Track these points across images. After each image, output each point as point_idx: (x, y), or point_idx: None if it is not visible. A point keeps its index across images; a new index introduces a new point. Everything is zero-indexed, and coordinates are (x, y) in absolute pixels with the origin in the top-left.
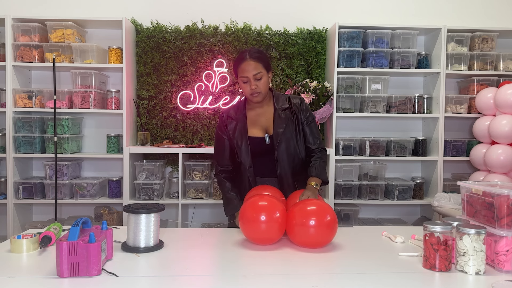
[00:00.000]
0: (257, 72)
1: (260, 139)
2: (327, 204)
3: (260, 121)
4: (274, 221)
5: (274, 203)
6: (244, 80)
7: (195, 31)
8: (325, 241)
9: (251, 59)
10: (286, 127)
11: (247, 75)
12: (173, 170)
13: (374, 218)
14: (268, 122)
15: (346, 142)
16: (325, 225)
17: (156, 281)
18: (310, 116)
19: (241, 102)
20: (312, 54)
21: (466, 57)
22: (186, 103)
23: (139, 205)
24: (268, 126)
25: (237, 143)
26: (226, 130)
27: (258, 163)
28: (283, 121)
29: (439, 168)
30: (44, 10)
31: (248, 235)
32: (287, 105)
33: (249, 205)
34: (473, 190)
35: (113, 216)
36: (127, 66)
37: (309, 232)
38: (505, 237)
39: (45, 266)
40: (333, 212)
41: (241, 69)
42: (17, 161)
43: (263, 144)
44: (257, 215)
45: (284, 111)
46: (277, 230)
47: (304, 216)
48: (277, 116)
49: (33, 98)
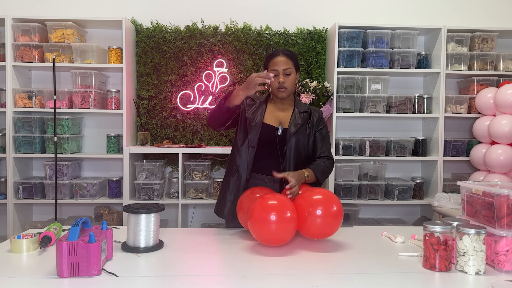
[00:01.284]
0: (287, 67)
1: (273, 128)
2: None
3: (278, 114)
4: (286, 221)
5: (284, 202)
6: (274, 73)
7: (195, 31)
8: (333, 230)
9: (283, 55)
10: (301, 127)
11: (277, 68)
12: (173, 170)
13: (374, 218)
14: (285, 118)
15: (346, 142)
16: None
17: (156, 281)
18: (325, 129)
19: (264, 96)
20: (312, 54)
21: (466, 57)
22: (186, 103)
23: (139, 205)
24: (284, 121)
25: (249, 123)
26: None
27: (261, 153)
28: (299, 121)
29: (439, 168)
30: (44, 10)
31: (258, 237)
32: (307, 111)
33: (259, 205)
34: (473, 190)
35: (113, 216)
36: (127, 66)
37: (317, 222)
38: (505, 237)
39: (45, 266)
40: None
41: (272, 62)
42: (17, 161)
43: (274, 133)
44: (267, 215)
45: (302, 114)
46: (290, 231)
47: (311, 206)
48: (294, 115)
49: (33, 98)
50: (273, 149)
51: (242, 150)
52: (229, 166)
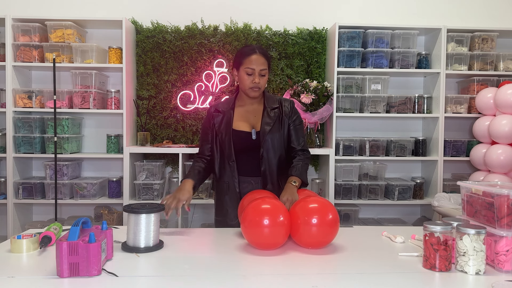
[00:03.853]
0: (264, 68)
1: (246, 134)
2: (328, 201)
3: (248, 117)
4: (278, 225)
5: (277, 206)
6: (249, 72)
7: (195, 31)
8: (328, 240)
9: (261, 54)
10: (273, 125)
11: (254, 67)
12: (173, 170)
13: (374, 218)
14: (256, 119)
15: (346, 142)
16: (327, 223)
17: (156, 281)
18: (298, 119)
19: (231, 98)
20: (312, 54)
21: (466, 57)
22: (186, 103)
23: (139, 205)
24: (255, 123)
25: (221, 136)
26: (212, 123)
27: (242, 160)
28: (271, 119)
29: (439, 168)
30: (44, 10)
31: (251, 241)
32: (277, 105)
33: (252, 209)
34: (473, 190)
35: (113, 216)
36: (127, 66)
37: (312, 231)
38: (505, 237)
39: (45, 266)
40: (334, 209)
41: (249, 60)
42: (17, 161)
43: (248, 139)
44: (260, 219)
45: (273, 110)
46: (282, 235)
47: (307, 215)
48: (265, 114)
49: (33, 98)
50: (250, 153)
51: (226, 166)
52: (219, 184)
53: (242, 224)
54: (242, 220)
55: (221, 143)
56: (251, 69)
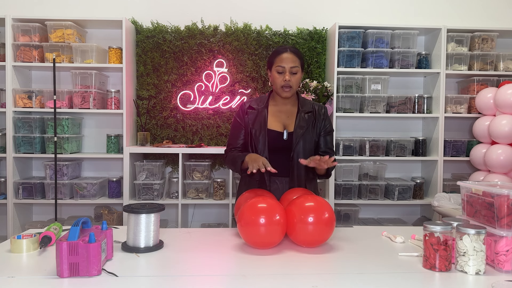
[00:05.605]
0: (295, 65)
1: (278, 134)
2: (324, 200)
3: (281, 117)
4: (274, 224)
5: (273, 204)
6: (279, 70)
7: (195, 31)
8: (323, 239)
9: (291, 52)
10: (307, 129)
11: (284, 65)
12: (173, 170)
13: (374, 218)
14: (289, 120)
15: (346, 142)
16: (324, 221)
17: (156, 281)
18: (330, 127)
19: (264, 96)
20: (312, 54)
21: (466, 57)
22: (186, 103)
23: (139, 205)
24: (288, 124)
25: (255, 133)
26: (245, 118)
27: (272, 159)
28: (305, 122)
29: (439, 168)
30: (44, 10)
31: (247, 240)
32: (311, 110)
33: (248, 208)
34: (473, 190)
35: (113, 216)
36: (127, 66)
37: (308, 230)
38: (505, 237)
39: (45, 266)
40: (331, 208)
41: (279, 58)
42: (17, 161)
43: (280, 139)
44: (256, 218)
45: (307, 114)
46: (278, 233)
47: (303, 213)
48: (300, 117)
49: (33, 98)
50: (280, 154)
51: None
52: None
53: (238, 223)
54: (238, 219)
55: (255, 140)
56: (281, 67)
